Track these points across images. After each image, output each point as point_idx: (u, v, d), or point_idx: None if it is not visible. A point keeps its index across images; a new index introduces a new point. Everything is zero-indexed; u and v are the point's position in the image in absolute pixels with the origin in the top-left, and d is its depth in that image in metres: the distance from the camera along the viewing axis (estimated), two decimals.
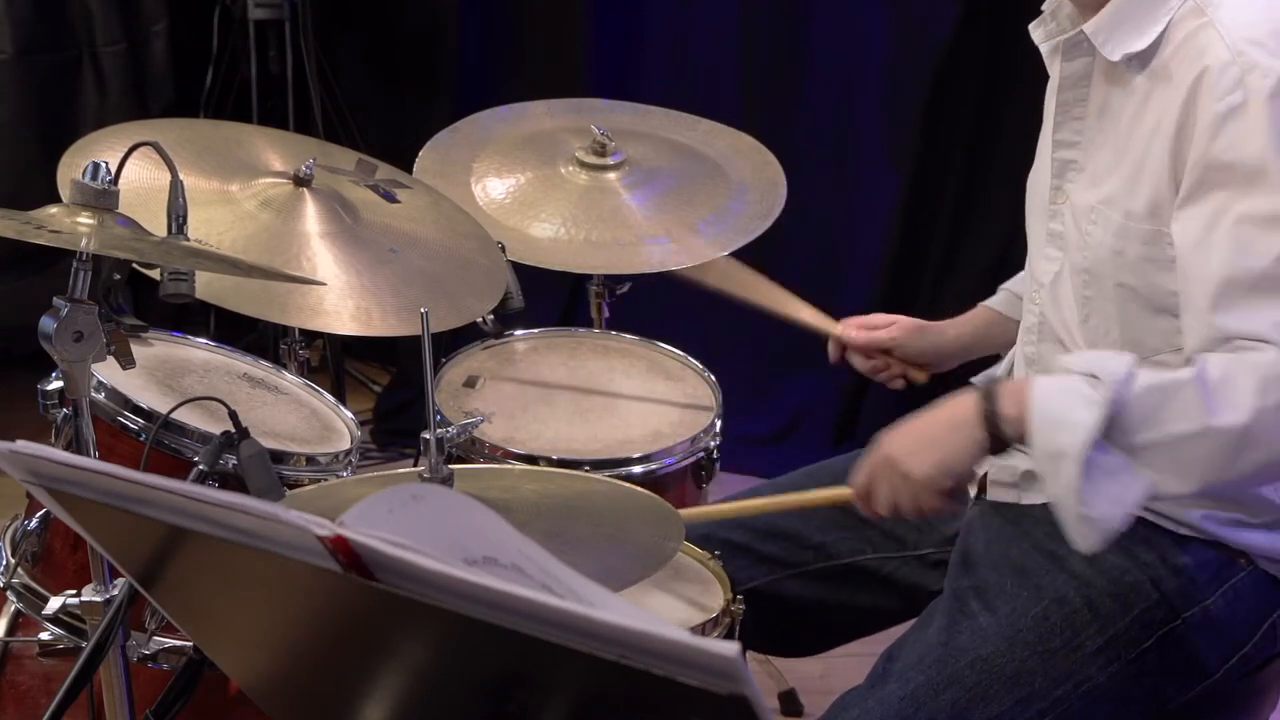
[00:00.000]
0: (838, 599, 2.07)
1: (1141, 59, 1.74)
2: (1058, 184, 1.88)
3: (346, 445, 2.13)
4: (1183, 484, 1.67)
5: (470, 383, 2.41)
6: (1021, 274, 2.17)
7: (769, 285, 2.43)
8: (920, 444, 1.74)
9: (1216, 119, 1.65)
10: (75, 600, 1.78)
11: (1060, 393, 1.66)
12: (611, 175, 2.62)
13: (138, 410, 1.97)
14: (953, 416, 1.73)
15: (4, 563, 2.05)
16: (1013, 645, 1.78)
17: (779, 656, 2.31)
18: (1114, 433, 1.63)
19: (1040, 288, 1.92)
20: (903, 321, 2.23)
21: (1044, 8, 1.91)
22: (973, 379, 2.17)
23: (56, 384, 1.89)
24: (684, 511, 1.89)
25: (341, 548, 0.98)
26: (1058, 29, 1.88)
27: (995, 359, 2.17)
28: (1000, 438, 1.70)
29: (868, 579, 2.06)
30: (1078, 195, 1.84)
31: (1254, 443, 1.62)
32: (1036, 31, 1.91)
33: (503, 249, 2.37)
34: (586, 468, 2.20)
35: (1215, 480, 1.66)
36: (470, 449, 2.24)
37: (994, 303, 2.22)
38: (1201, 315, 1.68)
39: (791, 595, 2.06)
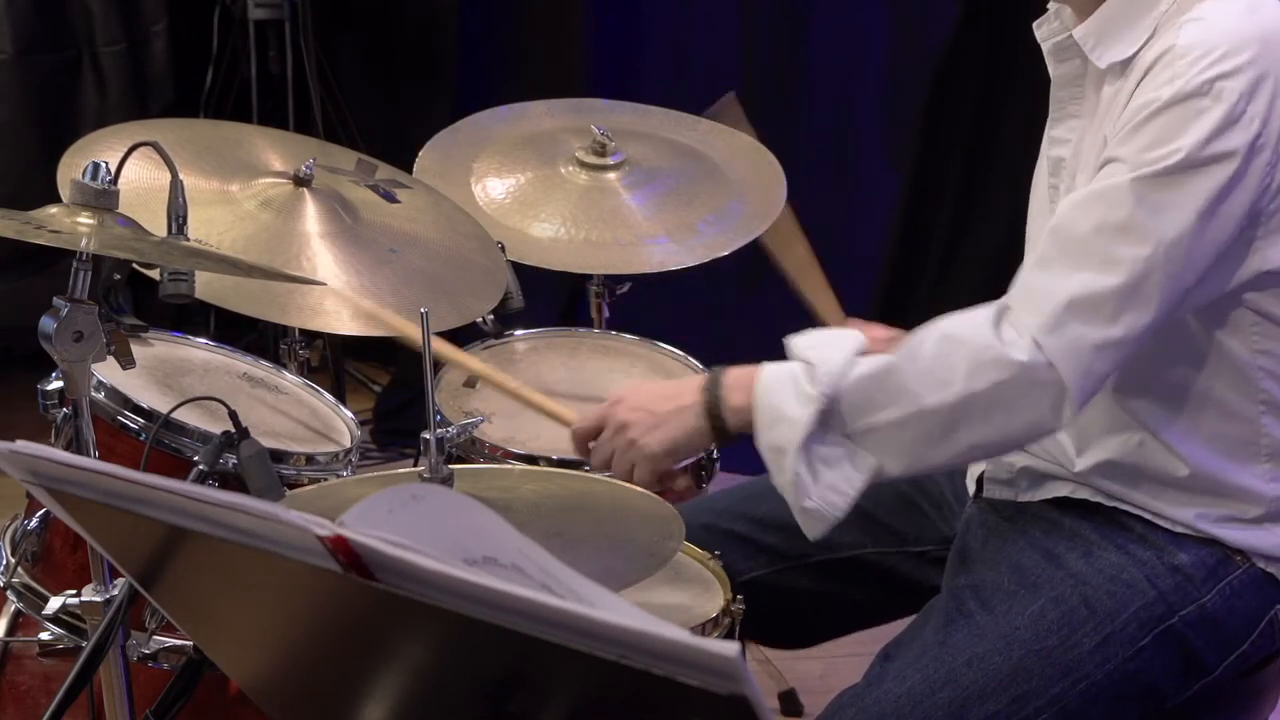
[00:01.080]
0: (837, 592, 2.07)
1: (1124, 65, 1.75)
2: (1054, 182, 1.88)
3: (346, 445, 2.12)
4: (901, 463, 1.73)
5: (470, 383, 2.41)
6: None
7: (810, 260, 2.41)
8: (654, 419, 1.79)
9: (1135, 109, 1.67)
10: (75, 600, 1.78)
11: (779, 385, 1.73)
12: (611, 175, 2.62)
13: (138, 410, 1.97)
14: (684, 399, 1.79)
15: (4, 563, 2.05)
16: (1009, 643, 1.78)
17: (777, 648, 2.31)
18: (831, 422, 1.70)
19: None
20: (875, 331, 2.23)
21: (1049, 6, 1.91)
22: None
23: (56, 384, 1.89)
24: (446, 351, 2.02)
25: (341, 548, 0.98)
26: (1061, 27, 1.88)
27: None
28: (724, 429, 1.77)
29: (868, 573, 2.06)
30: (1069, 194, 1.84)
31: (963, 423, 1.68)
32: (1039, 30, 1.91)
33: (503, 249, 2.37)
34: (586, 468, 2.20)
35: (932, 460, 1.73)
36: (470, 449, 2.24)
37: None
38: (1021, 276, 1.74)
39: (791, 587, 2.06)
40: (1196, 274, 1.68)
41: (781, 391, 1.72)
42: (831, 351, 1.72)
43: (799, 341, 1.77)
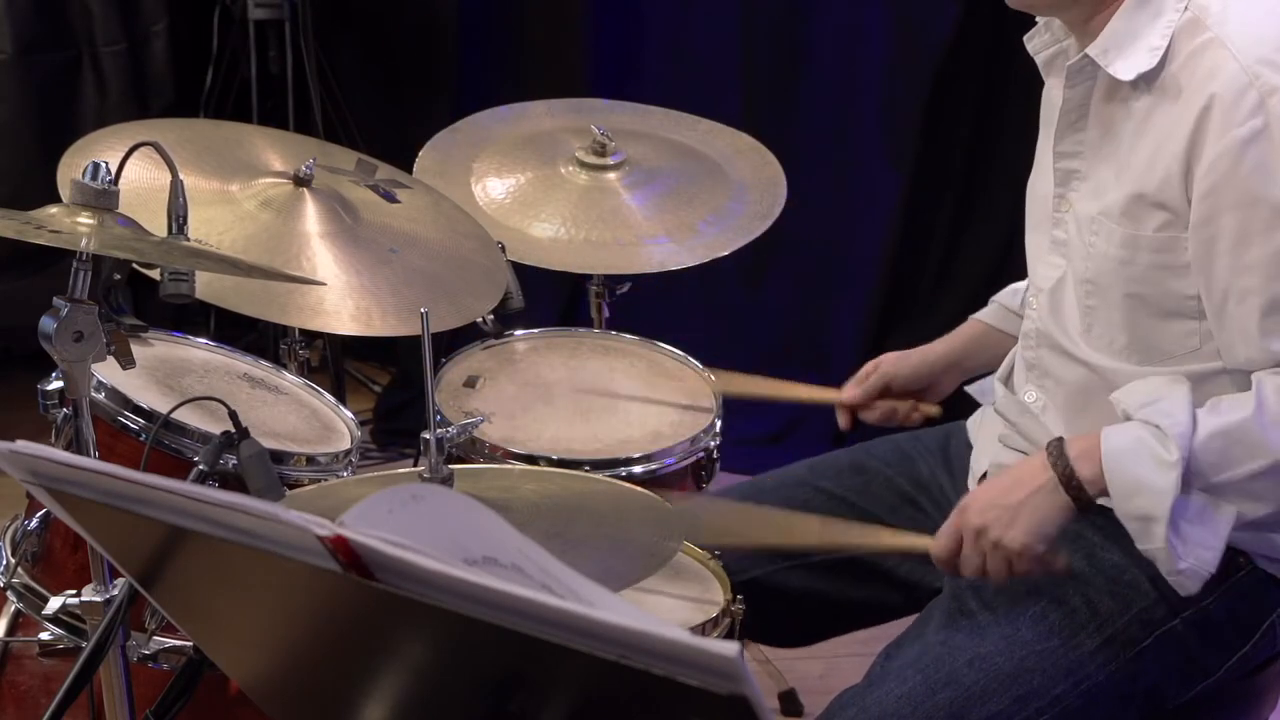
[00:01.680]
0: (837, 592, 2.07)
1: (1148, 77, 1.74)
2: (1061, 192, 1.88)
3: (346, 445, 2.12)
4: (1262, 508, 1.73)
5: (470, 383, 2.41)
6: (1012, 286, 2.18)
7: (764, 381, 2.42)
8: (1009, 513, 1.75)
9: (1238, 144, 1.66)
10: (75, 600, 1.78)
11: (1132, 454, 1.71)
12: (611, 175, 2.62)
13: (138, 410, 1.97)
14: (1034, 482, 1.76)
15: (4, 563, 2.05)
16: (1011, 644, 1.78)
17: (777, 647, 2.31)
18: (1189, 480, 1.69)
19: (1039, 293, 1.92)
20: (885, 358, 2.23)
21: (1037, 20, 1.91)
22: (966, 387, 2.17)
23: (56, 384, 1.89)
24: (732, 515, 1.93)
25: (341, 548, 0.98)
26: (1052, 39, 1.88)
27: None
28: (1084, 499, 1.74)
29: (868, 573, 2.06)
30: (1081, 204, 1.84)
31: None
32: (1030, 43, 1.91)
33: (503, 249, 2.37)
34: (586, 468, 2.20)
35: None
36: (470, 449, 2.24)
37: (984, 315, 2.22)
38: (1253, 340, 1.72)
39: (791, 586, 2.06)
40: None
41: (1137, 458, 1.70)
42: (1174, 407, 1.72)
43: (1132, 400, 1.76)
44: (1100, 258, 1.80)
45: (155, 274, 1.79)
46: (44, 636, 2.01)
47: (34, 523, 2.03)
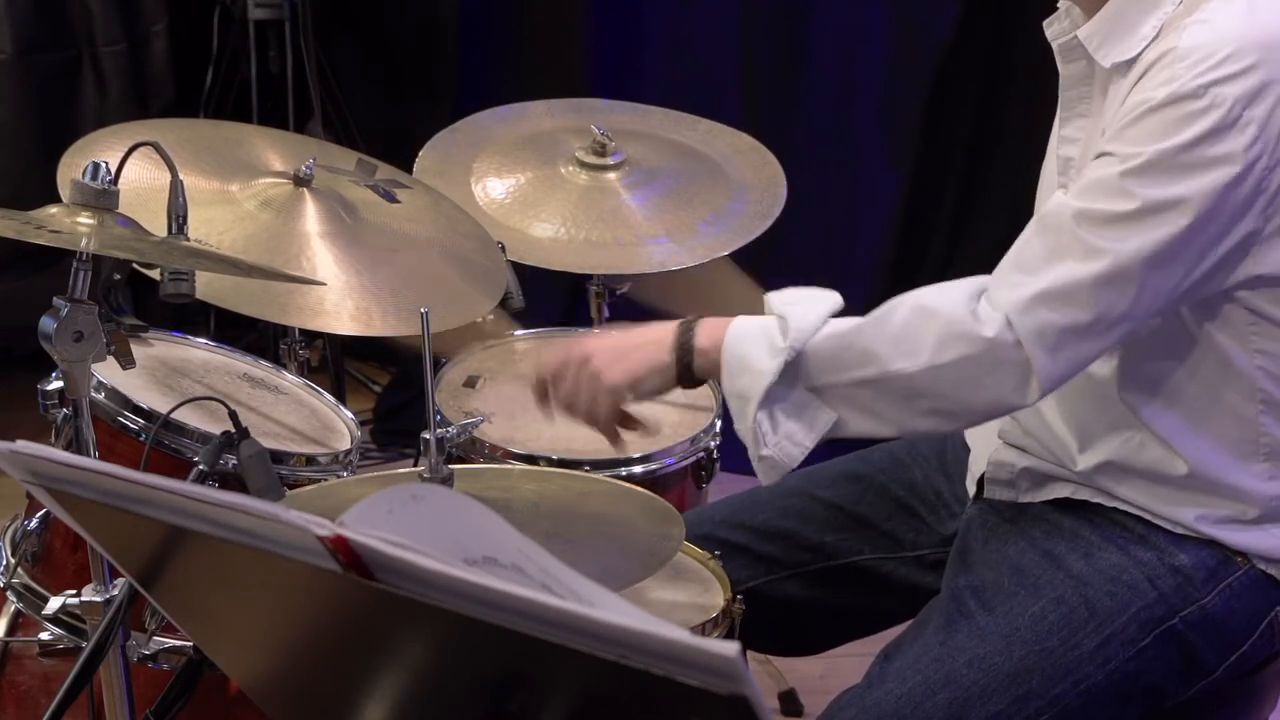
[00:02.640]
0: (836, 599, 2.07)
1: (1128, 65, 1.74)
2: (1062, 181, 1.88)
3: (346, 445, 2.13)
4: (870, 424, 1.76)
5: (470, 383, 2.41)
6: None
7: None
8: (618, 353, 1.80)
9: (1130, 105, 1.67)
10: (75, 600, 1.78)
11: (749, 336, 1.75)
12: (611, 175, 2.62)
13: (138, 410, 1.97)
14: (655, 337, 1.80)
15: (4, 563, 2.05)
16: (1010, 644, 1.78)
17: (777, 656, 2.31)
18: (797, 375, 1.73)
19: None
20: None
21: (1059, 5, 1.91)
22: None
23: (56, 384, 1.89)
24: None
25: (341, 548, 0.98)
26: (1070, 26, 1.88)
27: None
28: (689, 368, 1.78)
29: (866, 579, 2.05)
30: None
31: (926, 393, 1.71)
32: (1049, 29, 1.91)
33: (503, 249, 2.37)
34: (586, 468, 2.20)
35: (892, 420, 1.75)
36: (470, 449, 2.24)
37: None
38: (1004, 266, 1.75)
39: (789, 595, 2.06)
40: (1185, 272, 1.67)
41: (751, 342, 1.75)
42: (805, 309, 1.75)
43: (776, 296, 1.79)
44: None
45: (155, 274, 1.79)
46: (44, 636, 2.01)
47: (34, 523, 2.03)
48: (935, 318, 1.71)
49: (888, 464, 2.10)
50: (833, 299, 1.77)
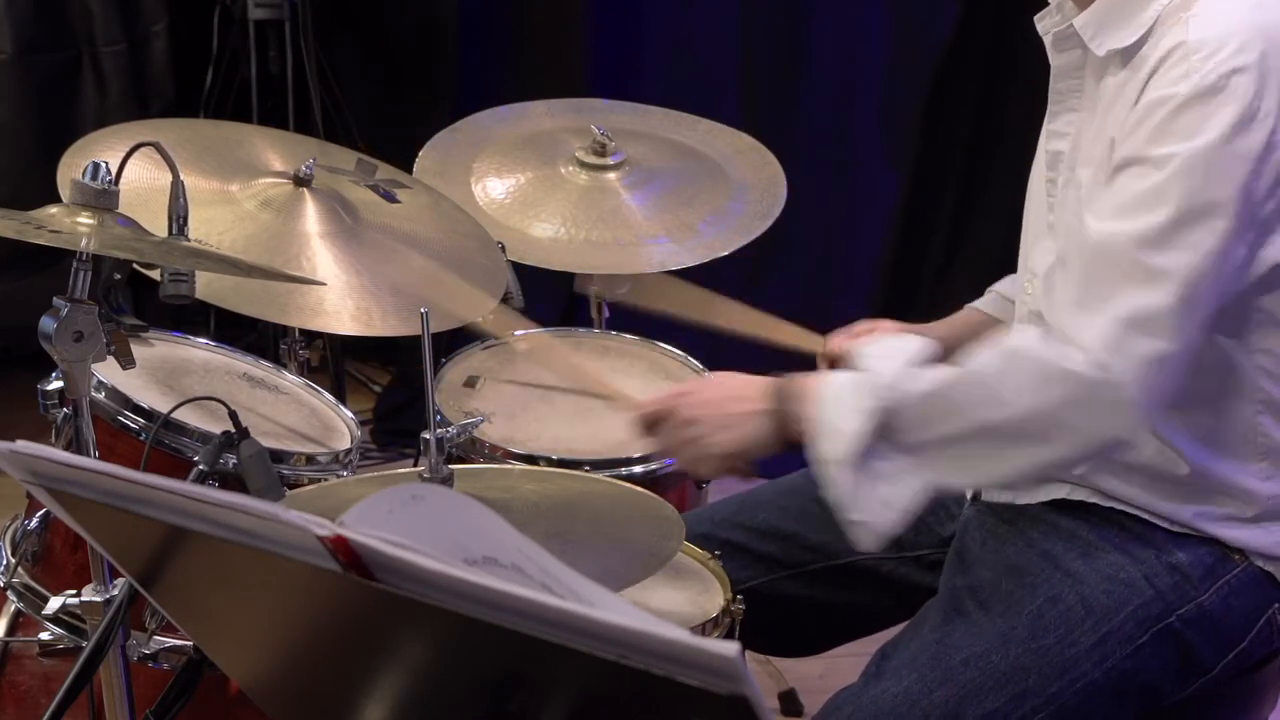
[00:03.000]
0: (835, 599, 2.07)
1: (1125, 54, 1.74)
2: (1051, 176, 1.88)
3: (346, 445, 2.13)
4: (966, 477, 1.75)
5: (470, 383, 2.41)
6: (1010, 276, 2.18)
7: (742, 308, 2.39)
8: (722, 420, 1.78)
9: (1149, 105, 1.66)
10: (75, 600, 1.78)
11: (838, 397, 1.71)
12: (611, 175, 2.62)
13: (138, 410, 1.97)
14: (753, 404, 1.78)
15: (4, 563, 2.05)
16: (1007, 642, 1.78)
17: (777, 656, 2.31)
18: (889, 435, 1.68)
19: (1034, 278, 1.92)
20: (884, 325, 2.21)
21: (1050, 0, 1.91)
22: None
23: (56, 384, 1.89)
24: None
25: (341, 548, 0.98)
26: (1062, 20, 1.88)
27: None
28: (789, 438, 1.76)
29: (865, 579, 2.05)
30: (1068, 188, 1.84)
31: (1027, 440, 1.67)
32: (1040, 23, 1.91)
33: (503, 249, 2.37)
34: (586, 468, 2.20)
35: (994, 474, 1.74)
36: (470, 449, 2.24)
37: (982, 304, 2.21)
38: (1064, 305, 1.71)
39: (789, 595, 2.06)
40: (1235, 272, 1.67)
41: (835, 404, 1.70)
42: (887, 362, 1.70)
43: (865, 349, 1.75)
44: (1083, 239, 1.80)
45: (155, 274, 1.79)
46: (44, 636, 2.01)
47: (34, 523, 2.03)
48: (1028, 362, 1.67)
49: None
50: (915, 347, 1.73)
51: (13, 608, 2.05)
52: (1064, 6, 1.87)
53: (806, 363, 2.28)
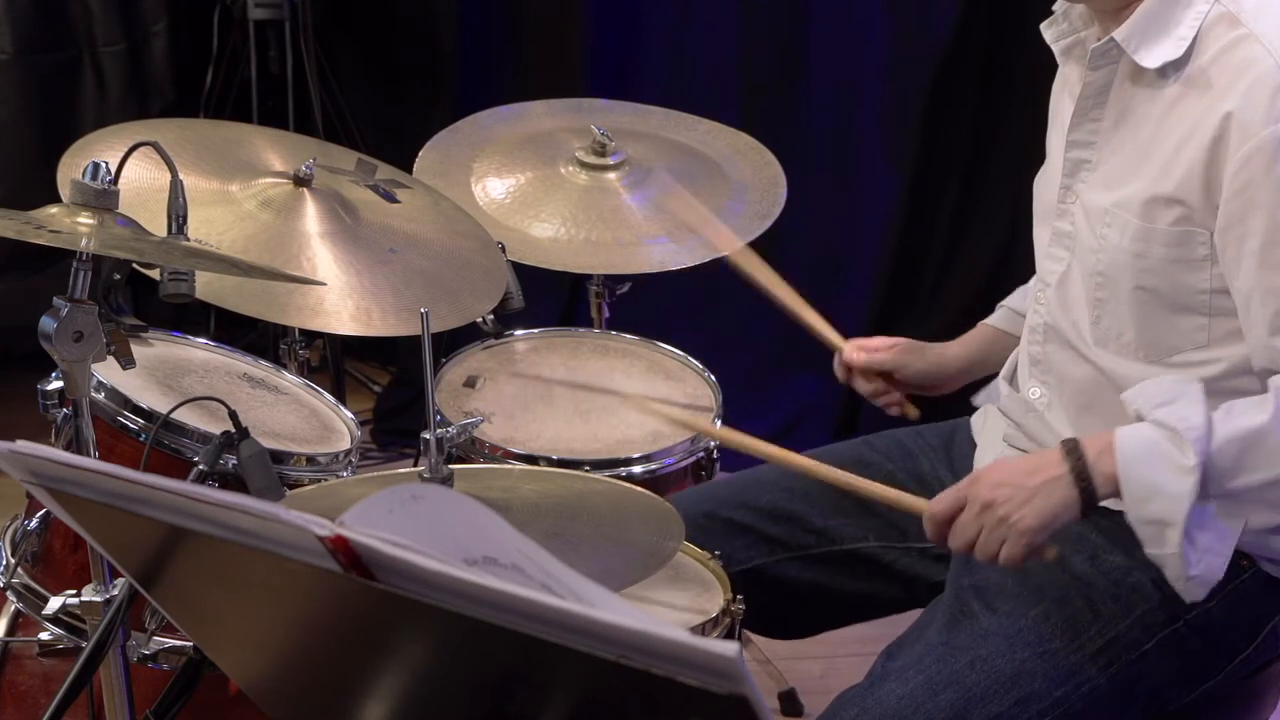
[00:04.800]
0: (837, 584, 2.07)
1: (1175, 65, 1.74)
2: (1068, 183, 1.87)
3: (346, 445, 2.13)
4: (1271, 518, 1.72)
5: (470, 383, 2.41)
6: (1021, 289, 2.18)
7: (783, 284, 2.38)
8: (1024, 494, 1.71)
9: (1273, 141, 1.65)
10: (75, 600, 1.78)
11: (1147, 457, 1.68)
12: (611, 175, 2.62)
13: (138, 410, 1.97)
14: (1051, 471, 1.72)
15: (4, 563, 2.05)
16: (1013, 645, 1.78)
17: (774, 638, 2.31)
18: (1203, 485, 1.66)
19: (1046, 288, 1.92)
20: (904, 344, 2.21)
21: (1055, 8, 1.91)
22: (972, 398, 2.17)
23: (56, 384, 1.89)
24: (749, 443, 1.90)
25: (341, 548, 0.98)
26: (1070, 29, 1.88)
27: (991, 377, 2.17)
28: (1093, 498, 1.71)
29: (868, 566, 2.06)
30: (1090, 196, 1.84)
31: None
32: (1048, 31, 1.90)
33: (503, 249, 2.37)
34: (586, 468, 2.20)
35: None
36: (470, 449, 2.24)
37: (995, 320, 2.21)
38: (1262, 339, 1.71)
39: (790, 578, 2.06)
40: None
41: (1150, 463, 1.68)
42: (1189, 410, 1.68)
43: (1145, 401, 1.73)
44: (1113, 250, 1.79)
45: (155, 274, 1.79)
46: (44, 636, 2.01)
47: (34, 523, 2.03)
48: None
49: (895, 451, 2.11)
50: (1197, 391, 1.71)
51: (13, 608, 2.05)
52: (1070, 14, 1.87)
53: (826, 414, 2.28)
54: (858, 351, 2.20)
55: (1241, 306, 1.73)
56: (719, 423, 2.37)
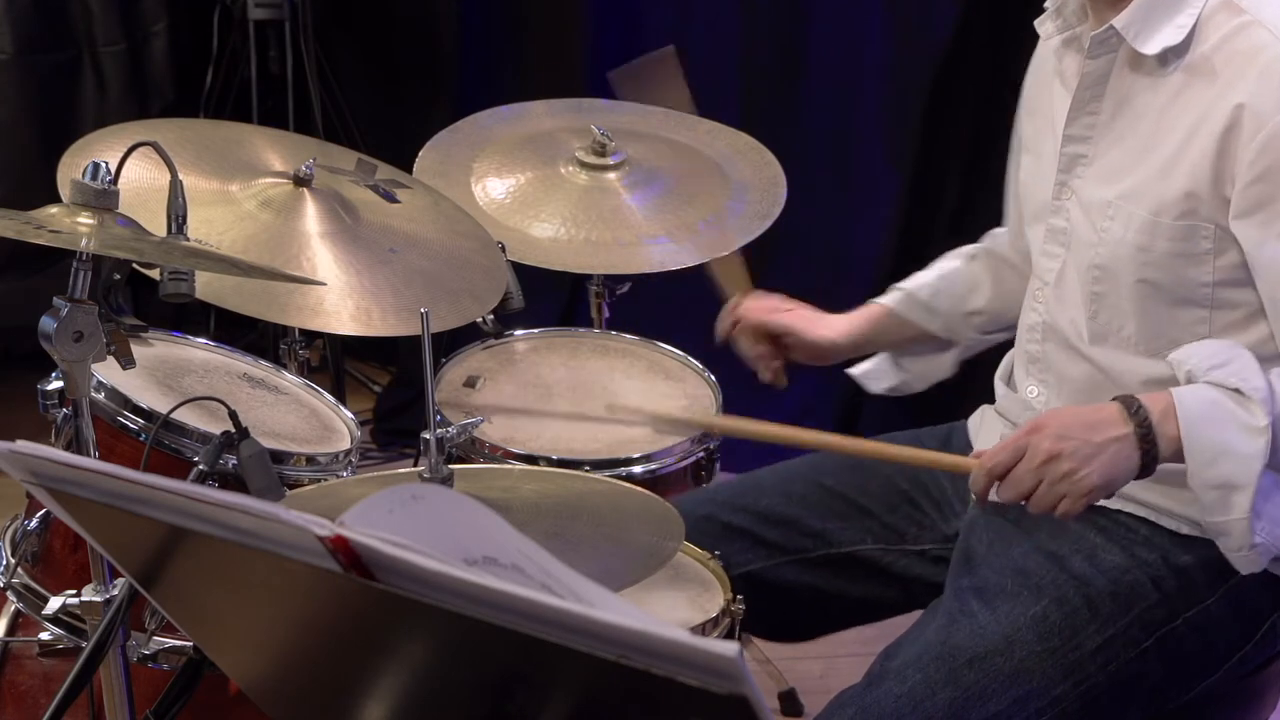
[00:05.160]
0: (836, 587, 2.07)
1: (1175, 53, 1.74)
2: (1064, 179, 1.87)
3: (346, 445, 2.12)
4: None
5: (470, 383, 2.41)
6: (918, 274, 2.18)
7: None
8: (1091, 449, 1.66)
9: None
10: (75, 600, 1.78)
11: (1212, 418, 1.64)
12: (611, 175, 2.62)
13: (138, 410, 1.97)
14: (1116, 429, 1.67)
15: (4, 563, 2.05)
16: (1011, 644, 1.78)
17: (773, 641, 2.32)
18: (1271, 452, 1.64)
19: (1044, 286, 1.91)
20: (803, 310, 2.20)
21: (1047, 4, 1.90)
22: (849, 369, 2.22)
23: (56, 384, 1.89)
24: (769, 430, 1.88)
25: (341, 548, 0.98)
26: (1064, 25, 1.87)
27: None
28: (1154, 459, 1.67)
29: (866, 569, 2.06)
30: (1088, 190, 1.83)
31: None
32: (1042, 27, 1.90)
33: (503, 249, 2.37)
34: (586, 468, 2.20)
35: None
36: (470, 449, 2.24)
37: (888, 301, 2.21)
38: None
39: (789, 581, 2.06)
40: None
41: (1220, 424, 1.64)
42: (1247, 372, 1.65)
43: (1198, 362, 1.69)
44: (1115, 243, 1.79)
45: (155, 274, 1.79)
46: (44, 636, 2.01)
47: (34, 523, 2.03)
48: None
49: None
50: (1248, 354, 1.68)
51: (13, 608, 2.05)
52: (1064, 10, 1.87)
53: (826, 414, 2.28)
54: (755, 309, 2.18)
55: (1270, 294, 1.71)
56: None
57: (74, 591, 1.79)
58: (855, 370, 2.24)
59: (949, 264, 2.22)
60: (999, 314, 2.18)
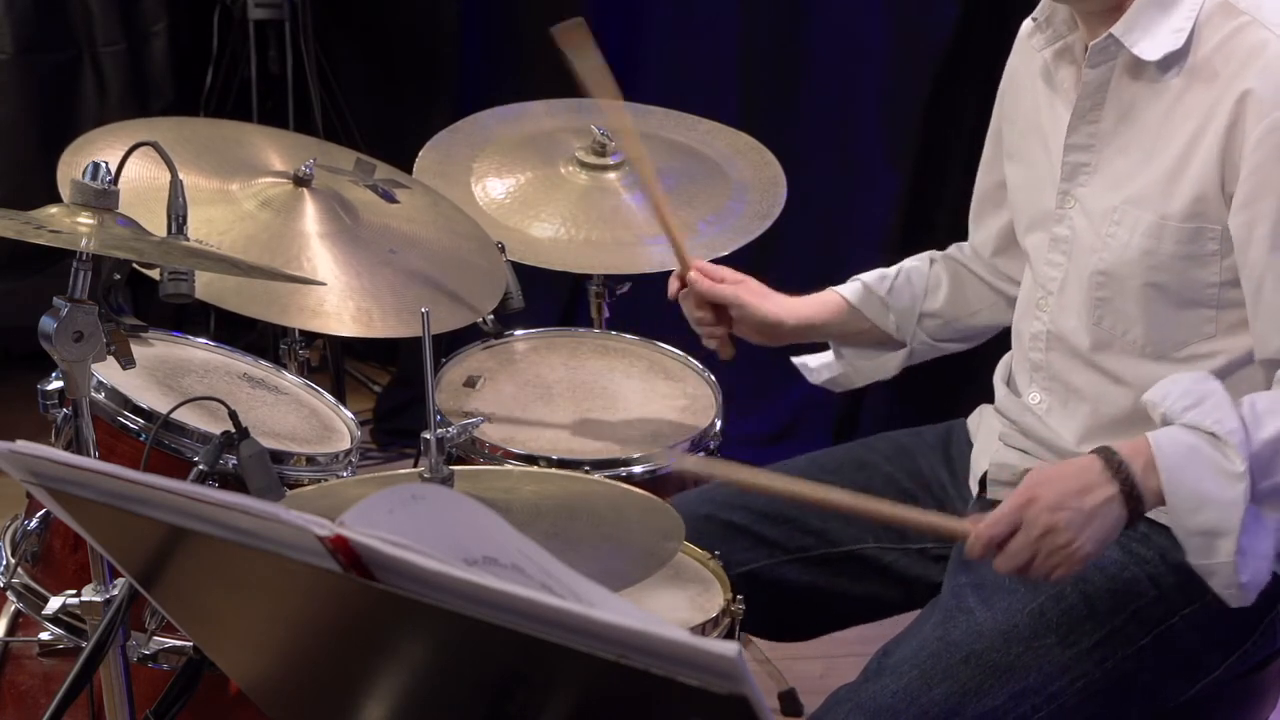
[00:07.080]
0: (836, 586, 2.07)
1: (1175, 57, 1.74)
2: (1066, 188, 1.87)
3: (346, 445, 2.13)
4: None
5: (470, 383, 2.41)
6: (879, 270, 2.18)
7: (658, 185, 2.26)
8: (1083, 518, 1.66)
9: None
10: (75, 600, 1.78)
11: (1191, 464, 1.64)
12: (611, 175, 2.62)
13: (138, 410, 1.97)
14: (1103, 491, 1.67)
15: (4, 563, 2.05)
16: (1008, 640, 1.78)
17: (773, 640, 2.32)
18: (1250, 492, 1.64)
19: (1048, 295, 1.91)
20: (750, 284, 2.17)
21: (1035, 15, 1.91)
22: (794, 358, 2.21)
23: (56, 384, 1.89)
24: (747, 477, 1.84)
25: (341, 548, 0.98)
26: (1055, 35, 1.88)
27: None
28: (1140, 514, 1.68)
29: (867, 568, 2.06)
30: (1092, 198, 1.83)
31: None
32: (1035, 39, 1.90)
33: (503, 249, 2.37)
34: (586, 468, 2.20)
35: None
36: (470, 449, 2.24)
37: (845, 291, 2.20)
38: (1273, 325, 1.70)
39: (790, 580, 2.06)
40: None
41: (1193, 470, 1.64)
42: (1221, 413, 1.65)
43: (1171, 403, 1.68)
44: (1120, 248, 1.79)
45: (155, 274, 1.79)
46: (44, 636, 2.01)
47: (34, 523, 2.03)
48: None
49: (893, 452, 2.11)
50: (1220, 389, 1.68)
51: (13, 608, 2.05)
52: (1054, 20, 1.87)
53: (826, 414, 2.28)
54: (703, 278, 2.16)
55: (1251, 293, 1.72)
56: (719, 423, 2.37)
57: (74, 591, 1.79)
58: (797, 359, 2.23)
59: (910, 263, 2.22)
60: (953, 320, 2.19)
